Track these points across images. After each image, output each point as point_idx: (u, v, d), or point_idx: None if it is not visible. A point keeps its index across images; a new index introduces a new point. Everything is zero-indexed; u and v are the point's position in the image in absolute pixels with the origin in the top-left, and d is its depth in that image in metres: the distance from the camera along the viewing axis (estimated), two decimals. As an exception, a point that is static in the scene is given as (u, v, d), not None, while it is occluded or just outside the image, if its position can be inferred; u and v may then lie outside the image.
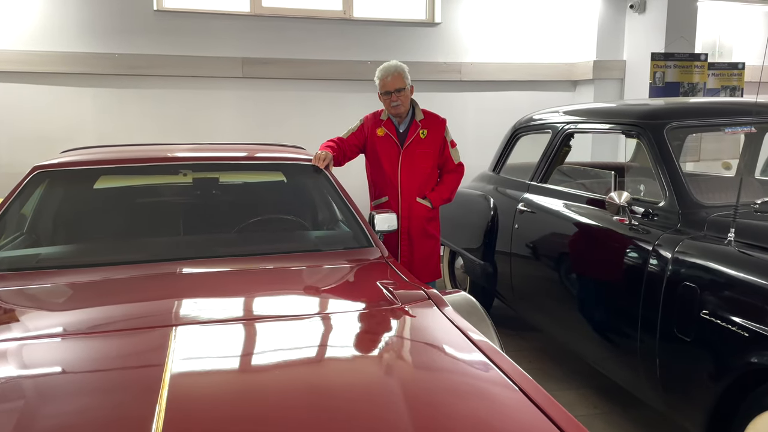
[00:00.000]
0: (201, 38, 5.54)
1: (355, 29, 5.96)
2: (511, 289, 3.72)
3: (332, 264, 2.37)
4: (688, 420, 2.39)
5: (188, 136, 5.43)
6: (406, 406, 1.30)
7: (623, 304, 2.71)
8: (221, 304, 1.94)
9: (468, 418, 1.30)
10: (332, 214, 2.95)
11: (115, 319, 1.78)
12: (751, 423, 2.08)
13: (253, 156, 3.02)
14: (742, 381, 2.12)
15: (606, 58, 6.29)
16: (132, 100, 5.49)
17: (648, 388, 2.59)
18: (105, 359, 1.50)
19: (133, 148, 3.30)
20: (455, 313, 1.89)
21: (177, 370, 1.40)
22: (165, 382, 1.33)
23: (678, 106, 3.16)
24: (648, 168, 3.07)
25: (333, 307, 1.95)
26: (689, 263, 2.36)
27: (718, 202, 2.61)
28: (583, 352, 3.16)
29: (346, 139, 3.41)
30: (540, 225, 3.44)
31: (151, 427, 1.15)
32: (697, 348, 2.27)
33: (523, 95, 6.46)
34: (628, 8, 6.18)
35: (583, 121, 3.49)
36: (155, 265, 2.24)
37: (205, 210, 2.92)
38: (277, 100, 5.81)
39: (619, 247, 2.76)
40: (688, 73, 5.85)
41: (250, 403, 1.30)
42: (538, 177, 3.64)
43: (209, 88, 5.64)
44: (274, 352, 1.59)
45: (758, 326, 2.03)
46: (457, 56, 6.24)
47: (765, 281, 2.08)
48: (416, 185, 3.37)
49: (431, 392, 1.38)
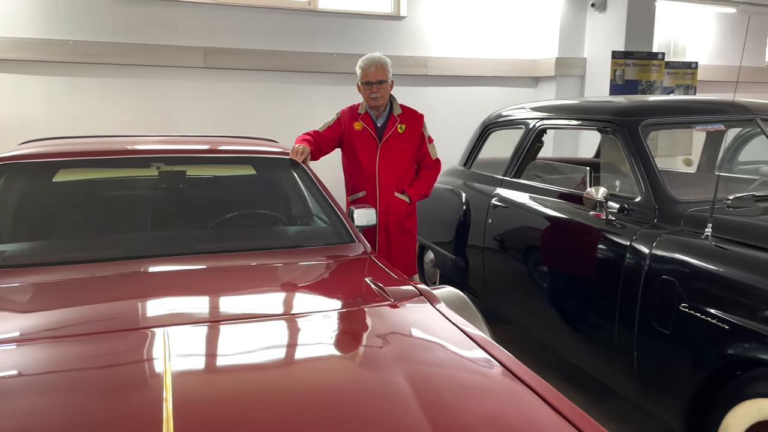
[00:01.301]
0: (161, 26, 5.36)
1: (321, 21, 5.88)
2: (484, 282, 3.75)
3: (317, 260, 2.33)
4: (665, 411, 2.45)
5: (147, 128, 5.25)
6: (417, 404, 1.28)
7: (600, 298, 2.75)
8: (213, 303, 1.87)
9: (480, 415, 1.29)
10: (310, 210, 2.89)
11: (101, 320, 1.69)
12: (728, 413, 2.14)
13: (228, 149, 2.94)
14: (720, 372, 2.18)
15: (567, 56, 6.41)
16: (87, 89, 5.27)
17: (624, 380, 2.65)
18: (99, 363, 1.42)
19: (96, 140, 3.15)
20: (449, 309, 1.88)
21: (178, 371, 1.34)
22: (167, 385, 1.27)
23: (652, 103, 3.23)
24: (619, 164, 3.13)
25: (327, 304, 1.91)
26: (668, 258, 2.41)
27: (692, 197, 2.68)
28: (556, 344, 3.20)
29: (322, 132, 3.34)
30: (514, 220, 3.47)
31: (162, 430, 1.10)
32: (675, 340, 2.33)
33: (486, 90, 6.52)
34: (590, 7, 6.31)
35: (556, 117, 3.53)
36: (132, 263, 2.14)
37: (175, 205, 2.82)
38: (241, 92, 5.69)
39: (595, 242, 2.80)
40: (646, 71, 6.02)
41: (258, 402, 1.26)
42: (511, 172, 3.67)
43: (170, 78, 5.47)
44: (278, 350, 1.55)
45: (736, 318, 2.10)
46: (423, 50, 6.25)
47: (742, 275, 2.15)
48: (394, 180, 3.34)
49: (440, 390, 1.36)
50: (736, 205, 2.52)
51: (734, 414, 2.12)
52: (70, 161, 2.68)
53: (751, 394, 2.05)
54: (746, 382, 2.09)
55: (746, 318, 2.07)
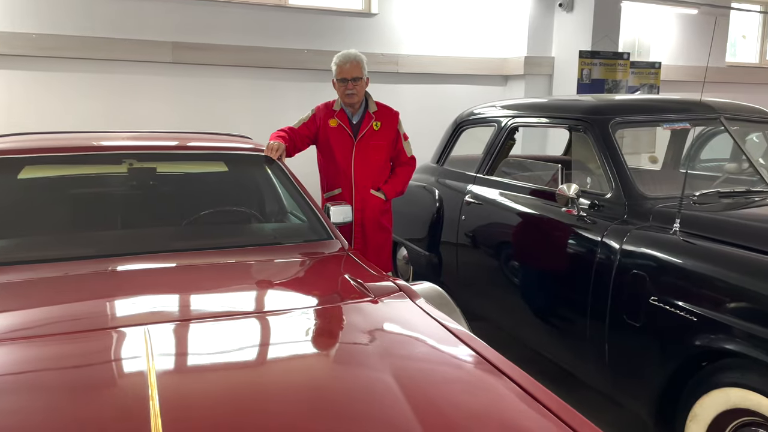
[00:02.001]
0: (128, 19, 5.26)
1: (291, 17, 5.85)
2: (457, 278, 3.79)
3: (295, 257, 2.32)
4: (635, 402, 2.52)
5: (113, 124, 5.14)
6: (404, 399, 1.29)
7: (572, 292, 2.81)
8: (194, 300, 1.85)
9: (467, 407, 1.31)
10: (285, 207, 2.88)
11: (78, 319, 1.66)
12: (697, 403, 2.22)
13: (202, 146, 2.90)
14: (688, 363, 2.25)
15: (536, 55, 6.51)
16: (50, 84, 5.14)
17: (596, 372, 2.71)
18: (79, 363, 1.39)
19: (63, 136, 3.08)
20: (429, 304, 1.90)
21: (161, 369, 1.32)
22: (152, 383, 1.25)
23: (621, 102, 3.31)
24: (590, 161, 3.20)
25: (308, 301, 1.91)
26: (638, 252, 2.48)
27: (660, 194, 2.75)
28: (529, 338, 3.26)
29: (297, 129, 3.33)
30: (487, 216, 3.51)
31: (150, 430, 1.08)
32: (646, 333, 2.40)
33: (457, 88, 6.58)
34: (557, 7, 6.41)
35: (527, 115, 3.59)
36: (108, 261, 2.10)
37: (147, 202, 2.77)
38: (211, 88, 5.62)
39: (567, 238, 2.86)
40: (612, 70, 6.15)
41: (246, 399, 1.25)
42: (483, 169, 3.71)
43: (137, 74, 5.37)
44: (261, 348, 1.54)
45: (704, 310, 2.17)
46: (394, 48, 6.27)
47: (709, 268, 2.22)
48: (370, 177, 3.35)
49: (426, 384, 1.38)
50: (702, 201, 2.61)
51: (702, 403, 2.19)
52: (36, 158, 2.62)
53: (719, 384, 2.12)
54: (714, 372, 2.17)
55: (713, 310, 2.14)
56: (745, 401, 2.05)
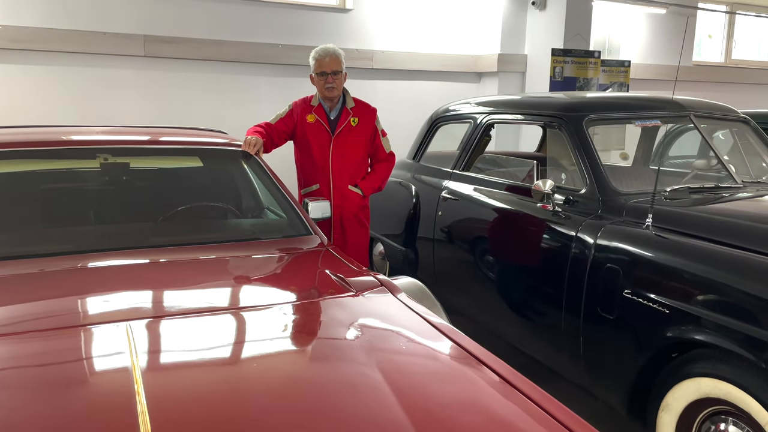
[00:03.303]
0: (97, 11, 5.15)
1: (265, 11, 5.80)
2: (434, 273, 3.81)
3: (275, 253, 2.32)
4: (609, 393, 2.58)
5: (84, 118, 5.05)
6: (390, 392, 1.30)
7: (547, 286, 2.86)
8: (176, 296, 1.84)
9: (452, 399, 1.33)
10: (263, 202, 2.87)
11: (60, 316, 1.63)
12: (668, 393, 2.28)
13: (178, 140, 2.87)
14: (661, 354, 2.32)
15: (509, 52, 6.57)
16: (16, 77, 5.01)
17: (571, 364, 2.77)
18: (61, 359, 1.37)
19: (33, 130, 3.01)
20: (410, 299, 1.91)
21: (145, 365, 1.31)
22: (137, 379, 1.24)
23: (595, 99, 3.37)
24: (564, 157, 3.26)
25: (289, 296, 1.91)
26: (612, 247, 2.53)
27: (632, 189, 2.82)
28: (505, 332, 3.30)
29: (274, 124, 3.31)
30: (463, 212, 3.55)
31: (138, 426, 1.08)
32: (619, 325, 2.46)
33: (431, 85, 6.61)
34: (530, 5, 6.48)
35: (503, 112, 3.63)
36: (85, 257, 2.07)
37: (121, 197, 2.73)
38: (184, 82, 5.54)
39: (542, 233, 2.91)
40: (584, 69, 6.24)
41: (233, 394, 1.25)
42: (460, 165, 3.74)
43: (107, 67, 5.26)
44: (244, 343, 1.54)
45: (676, 303, 2.23)
46: (368, 44, 6.26)
47: (681, 262, 2.28)
48: (348, 173, 3.35)
49: (412, 377, 1.39)
50: (673, 196, 2.68)
51: (674, 393, 2.26)
52: (4, 152, 2.55)
53: (690, 374, 2.19)
54: (685, 362, 2.23)
55: (685, 302, 2.20)
56: (715, 391, 2.11)
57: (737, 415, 2.08)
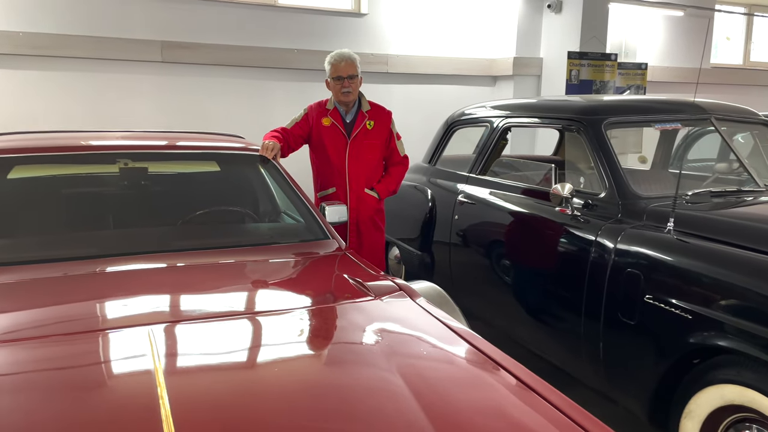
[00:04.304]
0: (116, 18, 5.21)
1: (281, 16, 5.83)
2: (450, 278, 3.80)
3: (293, 257, 2.32)
4: (630, 399, 2.54)
5: (102, 124, 5.10)
6: (412, 397, 1.30)
7: (566, 291, 2.84)
8: (197, 300, 1.84)
9: (474, 405, 1.32)
10: (280, 206, 2.87)
11: (83, 320, 1.64)
12: (691, 399, 2.24)
13: (197, 145, 2.89)
14: (683, 360, 2.28)
15: (525, 55, 6.55)
16: (39, 83, 5.08)
17: (591, 370, 2.74)
18: (85, 363, 1.38)
19: (53, 135, 3.05)
20: (429, 303, 1.90)
21: (168, 369, 1.32)
22: (161, 382, 1.25)
23: (614, 102, 3.34)
24: (583, 161, 3.23)
25: (309, 301, 1.90)
26: (632, 251, 2.50)
27: (653, 193, 2.79)
28: (522, 337, 3.28)
29: (290, 129, 3.32)
30: (480, 216, 3.53)
31: (163, 430, 1.08)
32: (640, 331, 2.42)
33: (446, 88, 6.60)
34: (546, 8, 6.45)
35: (520, 115, 3.61)
36: (106, 261, 2.09)
37: (142, 202, 2.75)
38: (200, 87, 5.59)
39: (561, 237, 2.88)
40: (600, 71, 6.20)
41: (255, 398, 1.25)
42: (476, 169, 3.73)
43: (125, 73, 5.32)
44: (265, 347, 1.54)
45: (699, 308, 2.20)
46: (384, 48, 6.27)
47: (704, 266, 2.25)
48: (364, 176, 3.36)
49: (433, 382, 1.38)
50: (695, 200, 2.64)
51: (697, 400, 2.22)
52: (26, 158, 2.59)
53: (714, 381, 2.15)
54: (708, 368, 2.19)
55: (708, 307, 2.17)
56: (740, 398, 2.08)
57: (762, 422, 2.04)
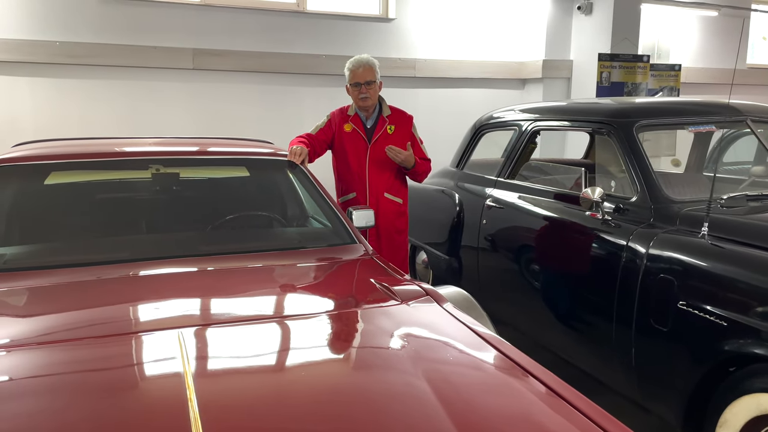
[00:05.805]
0: (149, 27, 5.32)
1: (309, 22, 5.88)
2: (478, 282, 3.77)
3: (320, 261, 2.33)
4: (663, 407, 2.49)
5: (134, 130, 5.21)
6: (438, 402, 1.29)
7: (597, 297, 2.79)
8: (226, 304, 1.87)
9: (501, 411, 1.31)
10: (308, 211, 2.89)
11: (112, 323, 1.68)
12: (727, 408, 2.18)
13: (227, 151, 2.93)
14: (718, 368, 2.23)
15: (554, 58, 6.48)
16: (74, 91, 5.21)
17: (623, 377, 2.68)
18: (117, 365, 1.41)
19: (89, 142, 3.13)
20: (456, 309, 1.89)
21: (197, 372, 1.33)
22: (189, 385, 1.26)
23: (645, 105, 3.28)
24: (614, 164, 3.18)
25: (337, 305, 1.91)
26: (665, 257, 2.45)
27: (686, 197, 2.73)
28: (551, 342, 3.23)
29: (314, 135, 3.36)
30: (509, 220, 3.50)
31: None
32: (674, 338, 2.37)
33: (474, 92, 6.57)
34: (576, 9, 6.38)
35: (549, 118, 3.57)
36: (136, 265, 2.13)
37: (173, 207, 2.80)
38: (230, 93, 5.67)
39: (591, 242, 2.84)
40: (632, 73, 6.11)
41: (283, 401, 1.26)
42: (505, 173, 3.70)
43: (157, 80, 5.43)
44: (294, 351, 1.55)
45: (734, 315, 2.14)
46: (411, 52, 6.28)
47: (739, 272, 2.19)
48: (384, 181, 3.37)
49: (460, 388, 1.37)
50: (730, 204, 2.58)
51: (732, 409, 2.16)
52: (62, 164, 2.66)
53: (750, 389, 2.09)
54: (744, 377, 2.13)
55: (743, 314, 2.11)
56: (777, 407, 2.02)
57: (802, 433, 1.98)
